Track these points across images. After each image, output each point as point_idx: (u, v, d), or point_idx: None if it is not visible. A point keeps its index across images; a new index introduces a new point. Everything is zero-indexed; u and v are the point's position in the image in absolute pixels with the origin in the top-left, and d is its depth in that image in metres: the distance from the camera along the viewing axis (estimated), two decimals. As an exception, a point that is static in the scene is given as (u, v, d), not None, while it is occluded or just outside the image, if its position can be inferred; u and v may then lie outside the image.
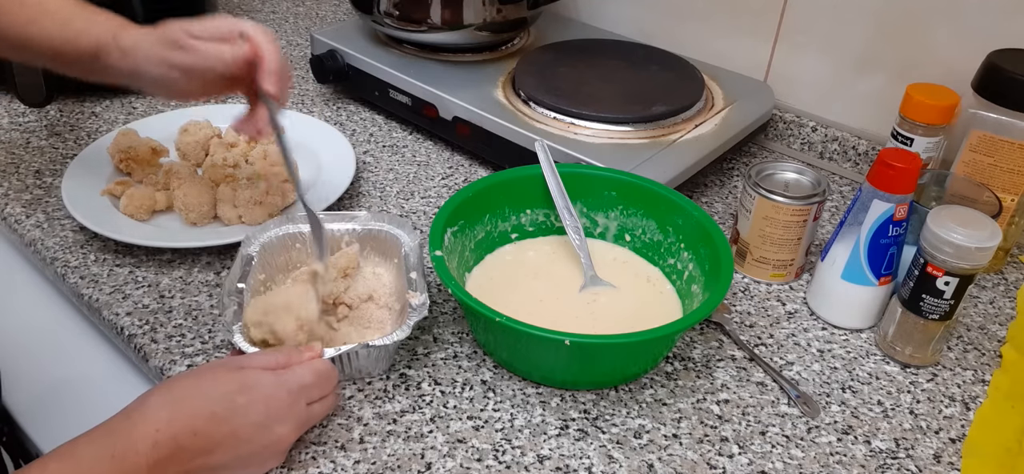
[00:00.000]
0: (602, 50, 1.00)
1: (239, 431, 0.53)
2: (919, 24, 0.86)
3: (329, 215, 0.72)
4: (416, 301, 0.63)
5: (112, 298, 0.71)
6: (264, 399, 0.54)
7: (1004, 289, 0.79)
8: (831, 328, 0.72)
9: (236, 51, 0.66)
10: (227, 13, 1.21)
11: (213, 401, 0.53)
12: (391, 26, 0.98)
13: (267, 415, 0.54)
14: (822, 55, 0.95)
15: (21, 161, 0.88)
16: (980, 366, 0.69)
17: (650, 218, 0.74)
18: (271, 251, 0.69)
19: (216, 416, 0.52)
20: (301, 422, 0.56)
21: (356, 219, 0.72)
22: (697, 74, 0.95)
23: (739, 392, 0.65)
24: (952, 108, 0.76)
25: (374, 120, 1.01)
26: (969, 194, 0.74)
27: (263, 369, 0.55)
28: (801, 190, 0.74)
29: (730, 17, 1.00)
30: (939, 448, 0.62)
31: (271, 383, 0.55)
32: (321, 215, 0.69)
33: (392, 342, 0.60)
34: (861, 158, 0.93)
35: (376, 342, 0.60)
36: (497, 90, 0.92)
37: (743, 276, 0.78)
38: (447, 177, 0.90)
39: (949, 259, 0.63)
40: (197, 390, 0.53)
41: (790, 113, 0.97)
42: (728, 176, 0.94)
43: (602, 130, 0.85)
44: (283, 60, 0.68)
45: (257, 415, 0.53)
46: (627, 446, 0.60)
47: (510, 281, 0.72)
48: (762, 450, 0.60)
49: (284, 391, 0.55)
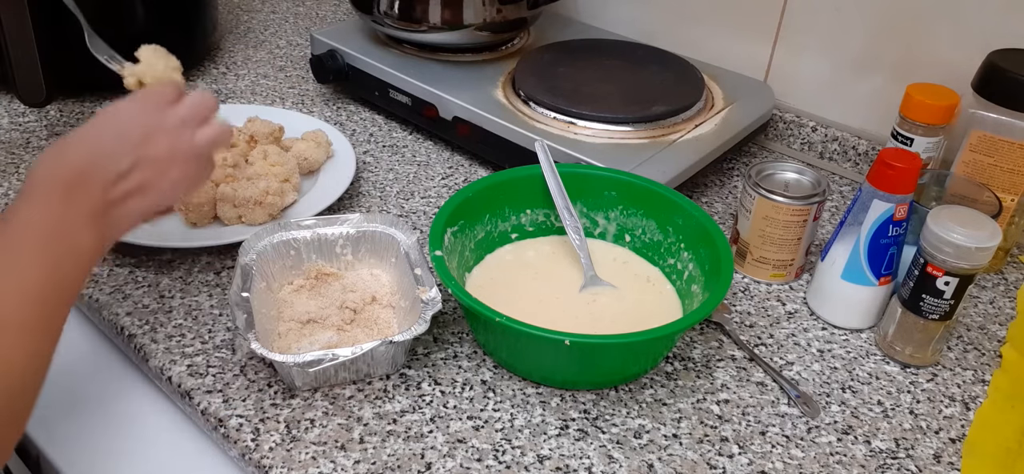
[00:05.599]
0: (602, 50, 1.00)
1: (127, 129, 0.54)
2: (919, 24, 0.86)
3: (320, 219, 0.72)
4: (427, 296, 0.64)
5: (112, 298, 0.71)
6: (140, 107, 0.56)
7: (1004, 289, 0.79)
8: (831, 328, 0.72)
9: None
10: (212, 15, 1.21)
11: (91, 125, 0.54)
12: (391, 26, 0.98)
13: (148, 117, 0.55)
14: (822, 55, 0.95)
15: (21, 161, 0.88)
16: (980, 366, 0.69)
17: (650, 218, 0.74)
18: (267, 259, 0.69)
19: (96, 125, 0.54)
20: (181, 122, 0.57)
21: (349, 222, 0.72)
22: (697, 74, 0.95)
23: (739, 392, 0.65)
24: (952, 108, 0.76)
25: (374, 120, 1.01)
26: (969, 194, 0.74)
27: None
28: (801, 190, 0.74)
29: (730, 17, 1.00)
30: (939, 448, 0.62)
31: (140, 99, 0.57)
32: None
33: (411, 337, 0.60)
34: (861, 158, 0.93)
35: (397, 338, 0.60)
36: (497, 90, 0.92)
37: (743, 276, 0.78)
38: (447, 177, 0.90)
39: (949, 259, 0.63)
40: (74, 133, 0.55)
41: (790, 113, 0.97)
42: (728, 176, 0.94)
43: (602, 130, 0.85)
44: None
45: (139, 115, 0.55)
46: (627, 446, 0.60)
47: (510, 281, 0.72)
48: (762, 450, 0.60)
49: (151, 104, 0.56)
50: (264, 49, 1.17)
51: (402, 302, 0.68)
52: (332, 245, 0.72)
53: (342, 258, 0.72)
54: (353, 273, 0.72)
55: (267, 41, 1.20)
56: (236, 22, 1.26)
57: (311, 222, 0.71)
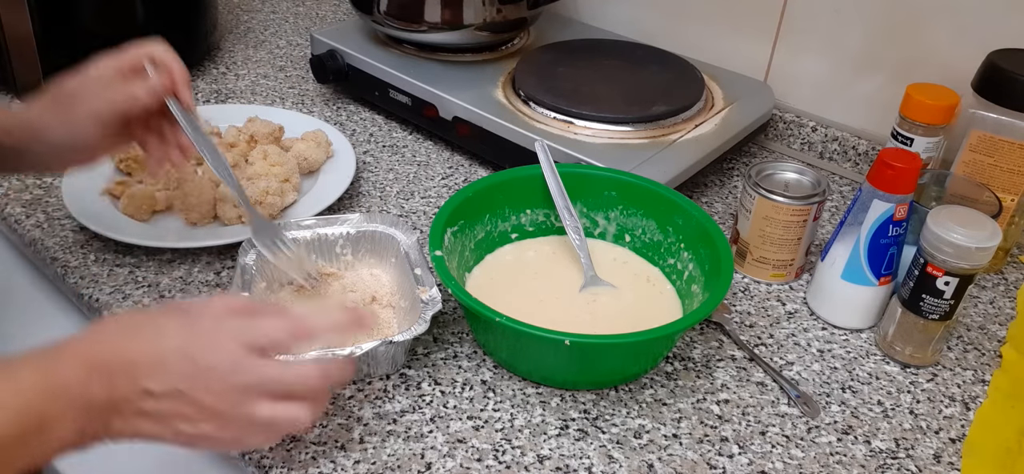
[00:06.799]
0: (602, 50, 1.00)
1: (196, 350, 0.45)
2: (919, 24, 0.86)
3: (320, 219, 0.72)
4: (427, 296, 0.64)
5: (112, 298, 0.71)
6: (229, 337, 0.46)
7: (1004, 289, 0.79)
8: (831, 328, 0.72)
9: (151, 85, 0.60)
10: (212, 15, 1.21)
11: (169, 317, 0.47)
12: (391, 26, 0.98)
13: (228, 354, 0.46)
14: (822, 55, 0.95)
15: (21, 161, 0.88)
16: (980, 366, 0.69)
17: (650, 218, 0.74)
18: (267, 259, 0.69)
19: (173, 323, 0.46)
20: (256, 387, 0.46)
21: (349, 222, 0.72)
22: (697, 74, 0.95)
23: (739, 392, 0.65)
24: (952, 108, 0.76)
25: (374, 120, 1.01)
26: (969, 194, 0.74)
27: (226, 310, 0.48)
28: (801, 190, 0.74)
29: (730, 17, 1.00)
30: (939, 448, 0.62)
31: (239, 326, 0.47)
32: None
33: (411, 337, 0.61)
34: (861, 158, 0.93)
35: (397, 338, 0.60)
36: (497, 90, 0.92)
37: (743, 276, 0.78)
38: (447, 177, 0.90)
39: (949, 259, 0.63)
40: (128, 317, 0.48)
41: (790, 113, 0.97)
42: (728, 176, 0.94)
43: (602, 130, 0.85)
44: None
45: (221, 345, 0.46)
46: (627, 446, 0.60)
47: (510, 281, 0.72)
48: (762, 450, 0.60)
49: (246, 338, 0.46)
50: (264, 49, 1.17)
51: (402, 302, 0.68)
52: (332, 245, 0.72)
53: (342, 258, 0.72)
54: (353, 273, 0.72)
55: (267, 41, 1.20)
56: (236, 22, 1.26)
57: (311, 222, 0.71)
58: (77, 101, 0.60)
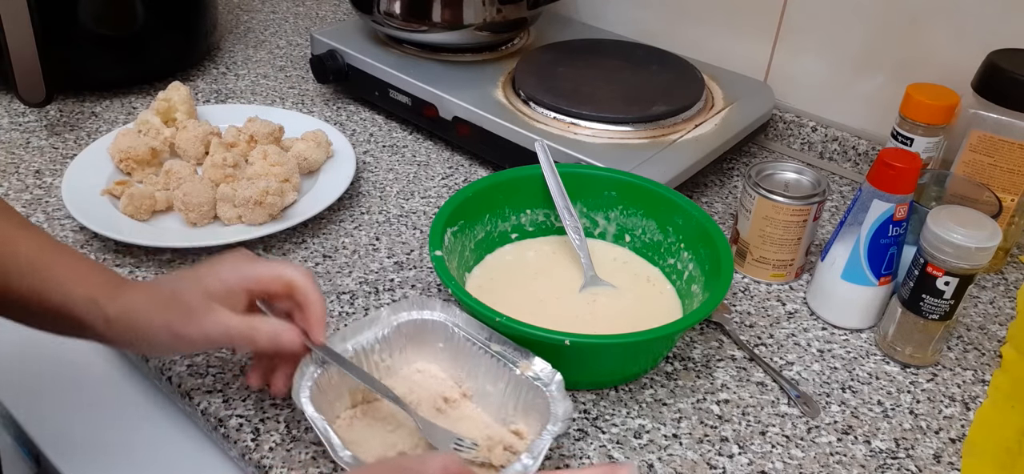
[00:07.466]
0: (602, 50, 1.00)
1: None
2: (919, 24, 0.86)
3: (343, 333, 0.59)
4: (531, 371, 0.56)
5: (112, 298, 0.71)
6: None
7: (1004, 289, 0.79)
8: (831, 328, 0.72)
9: (292, 337, 0.54)
10: (212, 15, 1.21)
11: None
12: (391, 26, 0.98)
13: None
14: (822, 55, 0.95)
15: (21, 161, 0.88)
16: (980, 366, 0.69)
17: (650, 218, 0.74)
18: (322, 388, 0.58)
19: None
20: None
21: (377, 322, 0.60)
22: (697, 74, 0.95)
23: (739, 392, 0.65)
24: (952, 108, 0.76)
25: (374, 120, 1.01)
26: (969, 194, 0.74)
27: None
28: (801, 190, 0.74)
29: (730, 17, 1.00)
30: (939, 448, 0.62)
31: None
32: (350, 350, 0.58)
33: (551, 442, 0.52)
34: (861, 158, 0.93)
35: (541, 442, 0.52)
36: (497, 90, 0.92)
37: (743, 276, 0.78)
38: (447, 177, 0.90)
39: (949, 259, 0.63)
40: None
41: (790, 113, 0.97)
42: (728, 176, 0.94)
43: (602, 130, 0.85)
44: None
45: None
46: (627, 446, 0.60)
47: (510, 281, 0.72)
48: (762, 450, 0.60)
49: None
50: (264, 49, 1.17)
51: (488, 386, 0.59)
52: (369, 354, 0.60)
53: (382, 365, 0.61)
54: (393, 378, 0.61)
55: (267, 41, 1.20)
56: (236, 22, 1.26)
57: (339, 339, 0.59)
58: (193, 318, 0.52)
